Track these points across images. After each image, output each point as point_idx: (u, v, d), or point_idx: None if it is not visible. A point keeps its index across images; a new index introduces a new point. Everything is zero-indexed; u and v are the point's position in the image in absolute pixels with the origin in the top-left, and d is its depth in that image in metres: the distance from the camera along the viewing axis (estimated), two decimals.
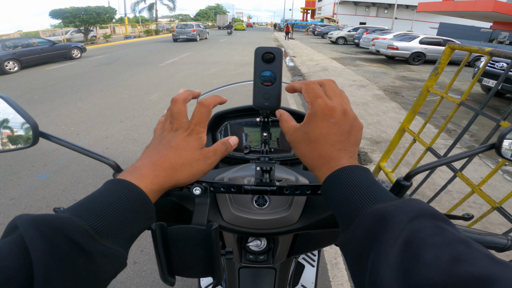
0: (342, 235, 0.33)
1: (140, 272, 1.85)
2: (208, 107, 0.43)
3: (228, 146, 0.45)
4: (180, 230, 0.38)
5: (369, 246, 0.28)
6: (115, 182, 0.35)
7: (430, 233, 0.26)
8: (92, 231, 0.30)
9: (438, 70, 2.13)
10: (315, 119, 0.39)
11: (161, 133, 0.44)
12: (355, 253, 0.29)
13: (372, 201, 0.31)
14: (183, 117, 0.43)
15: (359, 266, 0.28)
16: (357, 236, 0.30)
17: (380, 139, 3.81)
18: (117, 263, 0.32)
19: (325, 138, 0.38)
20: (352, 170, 0.36)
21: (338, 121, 0.39)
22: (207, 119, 0.43)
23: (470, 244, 0.25)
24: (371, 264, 0.26)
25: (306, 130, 0.40)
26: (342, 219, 0.33)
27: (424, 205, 0.29)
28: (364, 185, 0.33)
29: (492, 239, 0.47)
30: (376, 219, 0.29)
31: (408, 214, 0.28)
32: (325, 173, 0.37)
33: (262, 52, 0.45)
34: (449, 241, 0.25)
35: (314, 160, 0.39)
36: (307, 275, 0.97)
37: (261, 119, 0.51)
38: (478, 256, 0.23)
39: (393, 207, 0.29)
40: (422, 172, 0.43)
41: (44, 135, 0.45)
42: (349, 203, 0.32)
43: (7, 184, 2.80)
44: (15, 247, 0.27)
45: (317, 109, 0.39)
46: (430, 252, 0.24)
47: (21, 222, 0.28)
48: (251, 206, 0.53)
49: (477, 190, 1.71)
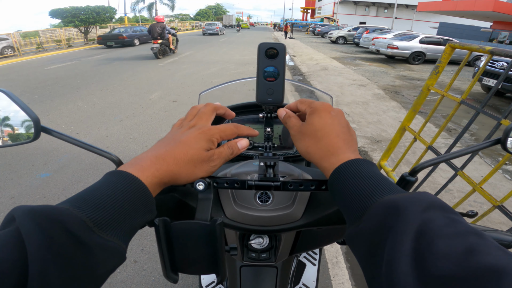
0: (351, 228, 0.33)
1: (141, 271, 1.85)
2: (238, 132, 0.44)
3: (234, 149, 0.44)
4: (183, 225, 0.37)
5: (383, 236, 0.27)
6: (115, 174, 0.35)
7: (442, 224, 0.26)
8: (90, 222, 0.29)
9: (439, 69, 2.13)
10: (318, 112, 0.42)
11: (177, 128, 0.44)
12: (368, 244, 0.29)
13: (383, 192, 0.31)
14: (206, 120, 0.44)
15: (374, 257, 0.28)
16: (370, 227, 0.29)
17: (380, 138, 3.81)
18: (116, 256, 0.31)
19: (330, 128, 0.41)
20: (360, 163, 0.36)
21: (337, 115, 0.43)
22: (229, 137, 0.44)
23: (482, 235, 0.25)
24: (387, 254, 0.26)
25: (311, 122, 0.42)
26: (351, 211, 0.33)
27: (435, 198, 0.29)
28: (374, 177, 0.33)
29: (497, 235, 0.47)
30: (389, 210, 0.28)
31: (420, 205, 0.27)
32: (333, 163, 0.37)
33: (266, 47, 0.44)
34: (462, 232, 0.25)
35: (322, 152, 0.40)
36: (308, 273, 0.97)
37: (264, 114, 0.50)
38: (491, 246, 0.23)
39: (406, 198, 0.29)
40: (427, 168, 0.43)
41: (46, 130, 0.44)
42: (359, 195, 0.32)
43: (7, 183, 2.80)
44: (11, 239, 0.26)
45: (316, 106, 0.43)
46: (443, 243, 0.24)
47: (18, 213, 0.27)
48: (254, 203, 0.53)
49: (478, 188, 1.70)
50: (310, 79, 7.67)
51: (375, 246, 0.28)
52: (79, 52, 14.54)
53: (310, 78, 7.77)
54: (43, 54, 13.98)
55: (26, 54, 14.17)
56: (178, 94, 6.01)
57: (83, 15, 18.63)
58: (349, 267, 1.94)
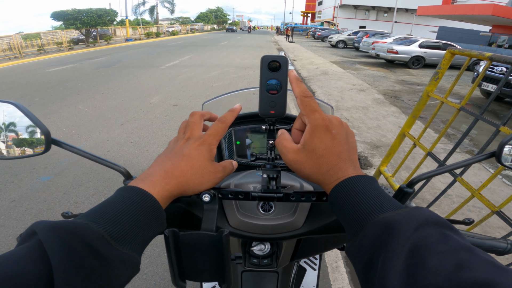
0: (349, 243, 0.34)
1: (142, 275, 1.85)
2: (225, 123, 0.45)
3: (234, 166, 0.49)
4: (192, 236, 0.39)
5: (377, 254, 0.29)
6: (128, 189, 0.36)
7: (435, 241, 0.27)
8: (108, 236, 0.31)
9: (439, 75, 2.15)
10: (318, 134, 0.40)
11: (174, 143, 0.46)
12: (365, 260, 0.30)
13: (380, 210, 0.32)
14: (197, 129, 0.45)
15: (368, 273, 0.30)
16: (366, 244, 0.31)
17: (380, 144, 3.82)
18: (131, 267, 0.33)
19: (330, 150, 0.39)
20: (359, 180, 0.37)
21: (338, 132, 0.41)
22: (222, 135, 0.45)
23: (473, 251, 0.26)
24: (380, 270, 0.27)
25: (312, 147, 0.40)
26: (350, 227, 0.34)
27: (430, 213, 0.30)
28: (372, 195, 0.34)
29: (492, 243, 0.48)
30: (384, 228, 0.30)
31: (414, 222, 0.29)
32: (333, 182, 0.38)
33: (268, 60, 0.45)
34: (453, 248, 0.26)
35: (323, 175, 0.39)
36: (309, 278, 0.98)
37: (267, 127, 0.52)
38: (480, 262, 0.25)
39: (399, 216, 0.30)
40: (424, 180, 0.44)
41: (56, 142, 0.46)
42: (357, 212, 0.34)
43: (8, 186, 2.81)
44: (34, 253, 0.27)
45: (316, 123, 0.40)
46: (435, 259, 0.25)
47: (40, 228, 0.29)
48: (257, 212, 0.54)
49: (477, 194, 1.72)
50: (310, 83, 7.69)
51: (370, 262, 0.30)
52: (80, 54, 14.58)
53: (310, 82, 7.79)
54: (44, 56, 14.02)
55: (27, 56, 14.21)
56: (179, 98, 6.04)
57: (85, 17, 18.70)
58: (349, 272, 1.94)
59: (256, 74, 8.52)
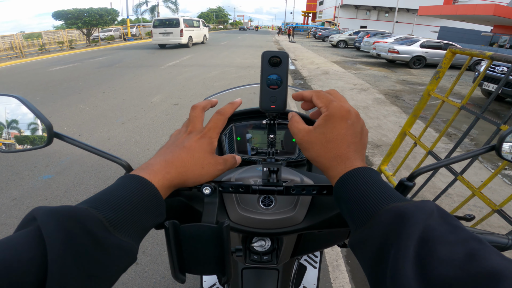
0: (356, 233, 0.34)
1: (142, 273, 1.86)
2: (225, 116, 0.45)
3: (237, 161, 0.48)
4: (192, 228, 0.39)
5: (389, 242, 0.28)
6: (129, 178, 0.37)
7: (445, 231, 0.27)
8: (106, 222, 0.31)
9: (439, 74, 2.15)
10: (333, 120, 0.40)
11: (176, 135, 0.46)
12: (375, 249, 0.30)
13: (389, 199, 0.32)
14: (199, 122, 0.46)
15: (379, 261, 0.29)
16: (377, 232, 0.30)
17: (381, 143, 3.82)
18: (129, 256, 0.33)
19: (342, 139, 0.40)
20: (367, 171, 0.37)
21: (354, 123, 0.41)
22: (221, 127, 0.45)
23: (482, 241, 0.26)
24: (393, 258, 0.27)
25: (323, 130, 0.40)
26: (356, 217, 0.34)
27: (438, 206, 0.31)
28: (381, 185, 0.35)
29: (493, 238, 0.48)
30: (396, 217, 0.30)
31: (424, 213, 0.29)
32: (340, 172, 0.38)
33: (269, 56, 0.45)
34: (464, 238, 0.26)
35: (329, 161, 0.40)
36: (309, 276, 0.98)
37: (268, 121, 0.52)
38: (490, 252, 0.25)
39: (412, 206, 0.30)
40: (425, 173, 0.44)
41: (58, 136, 0.46)
42: (365, 202, 0.34)
43: (9, 185, 2.82)
44: (32, 238, 0.27)
45: (334, 111, 0.40)
46: (446, 249, 0.25)
47: (39, 213, 0.29)
48: (257, 206, 0.54)
49: (477, 193, 1.72)
50: (311, 83, 7.69)
51: (381, 251, 0.29)
52: (81, 54, 14.61)
53: (311, 82, 7.79)
54: (46, 56, 14.05)
55: (28, 55, 14.24)
56: (180, 97, 6.04)
57: (86, 17, 18.75)
58: (349, 270, 1.95)
59: (257, 74, 8.52)
